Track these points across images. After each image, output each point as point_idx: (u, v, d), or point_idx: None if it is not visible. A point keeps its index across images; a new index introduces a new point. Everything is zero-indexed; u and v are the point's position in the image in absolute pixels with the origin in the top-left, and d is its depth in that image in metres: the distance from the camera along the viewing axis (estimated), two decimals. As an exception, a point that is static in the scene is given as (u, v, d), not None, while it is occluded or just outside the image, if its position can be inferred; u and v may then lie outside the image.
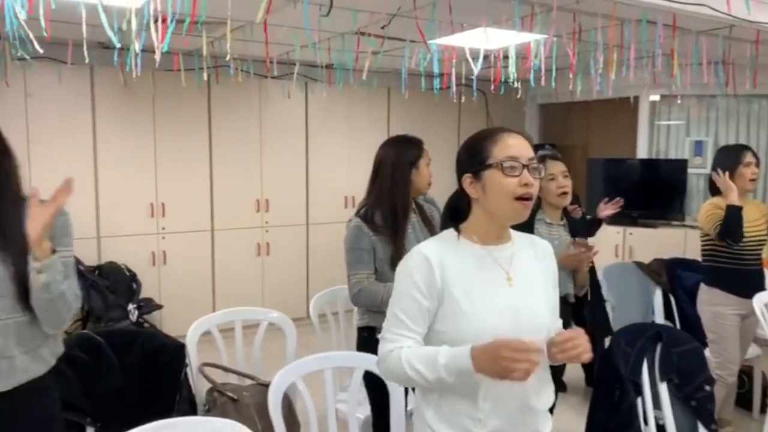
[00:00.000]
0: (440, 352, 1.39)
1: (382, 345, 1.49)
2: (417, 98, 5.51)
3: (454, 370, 1.37)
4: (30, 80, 4.30)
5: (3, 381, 1.60)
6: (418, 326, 1.47)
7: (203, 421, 1.68)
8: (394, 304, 1.50)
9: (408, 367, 1.41)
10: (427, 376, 1.40)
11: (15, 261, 1.59)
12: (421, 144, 2.48)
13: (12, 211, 1.63)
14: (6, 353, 1.60)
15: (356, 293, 2.34)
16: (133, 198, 4.76)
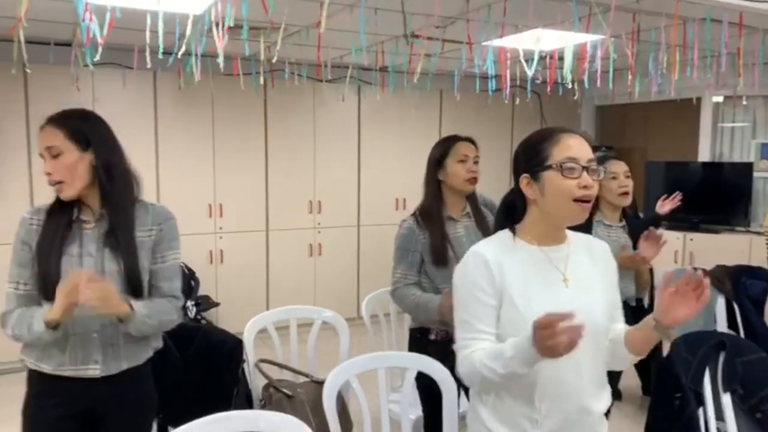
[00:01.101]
0: (506, 345, 1.38)
1: (458, 352, 1.49)
2: (469, 100, 5.49)
3: (522, 358, 1.34)
4: (97, 85, 4.51)
5: (108, 366, 1.73)
6: (489, 326, 1.46)
7: (262, 416, 1.72)
8: (460, 309, 1.50)
9: (482, 367, 1.40)
10: (499, 371, 1.37)
11: (124, 258, 1.71)
12: (451, 141, 2.47)
13: (121, 213, 1.73)
14: (114, 341, 1.73)
15: (393, 291, 2.43)
16: (192, 199, 4.92)
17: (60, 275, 1.68)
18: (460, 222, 2.45)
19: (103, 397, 1.77)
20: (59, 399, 1.74)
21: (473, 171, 2.41)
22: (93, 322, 1.71)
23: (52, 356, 1.72)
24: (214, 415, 1.63)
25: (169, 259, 1.82)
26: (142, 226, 1.77)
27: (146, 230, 1.78)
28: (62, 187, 1.69)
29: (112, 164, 1.73)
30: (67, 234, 1.71)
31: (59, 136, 1.69)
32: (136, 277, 1.73)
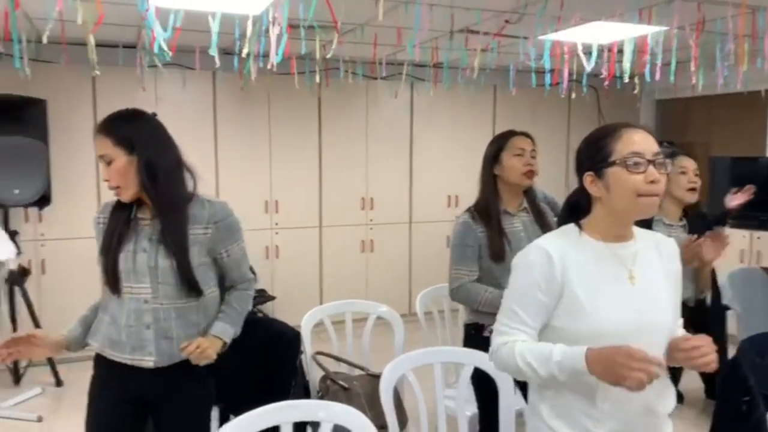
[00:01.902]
0: (554, 350, 1.38)
1: (496, 336, 1.49)
2: (524, 96, 5.41)
3: (567, 369, 1.35)
4: (159, 85, 4.67)
5: (161, 357, 1.79)
6: (533, 321, 1.46)
7: (323, 405, 1.76)
8: (510, 297, 1.50)
9: (521, 361, 1.41)
10: (540, 372, 1.38)
11: (176, 255, 1.76)
12: (508, 135, 2.45)
13: (169, 211, 1.78)
14: (168, 334, 1.79)
15: (455, 288, 2.39)
16: (249, 195, 5.04)
17: (118, 270, 1.77)
18: (517, 217, 2.43)
19: (156, 387, 1.82)
20: (118, 384, 1.83)
21: (530, 164, 2.39)
22: (146, 315, 1.77)
23: (113, 343, 1.80)
24: (277, 403, 1.68)
25: (233, 252, 1.89)
26: (197, 224, 1.80)
27: (201, 228, 1.80)
28: (119, 192, 1.77)
29: (156, 164, 1.75)
30: (125, 231, 1.79)
31: (108, 144, 1.75)
32: (189, 272, 1.77)
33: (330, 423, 1.72)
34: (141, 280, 1.76)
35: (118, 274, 1.77)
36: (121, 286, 1.78)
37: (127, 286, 1.77)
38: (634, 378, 1.23)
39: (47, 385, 4.11)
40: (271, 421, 1.66)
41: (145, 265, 1.76)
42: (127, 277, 1.77)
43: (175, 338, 1.80)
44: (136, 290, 1.77)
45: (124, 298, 1.78)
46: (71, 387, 4.07)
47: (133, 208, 1.81)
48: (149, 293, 1.77)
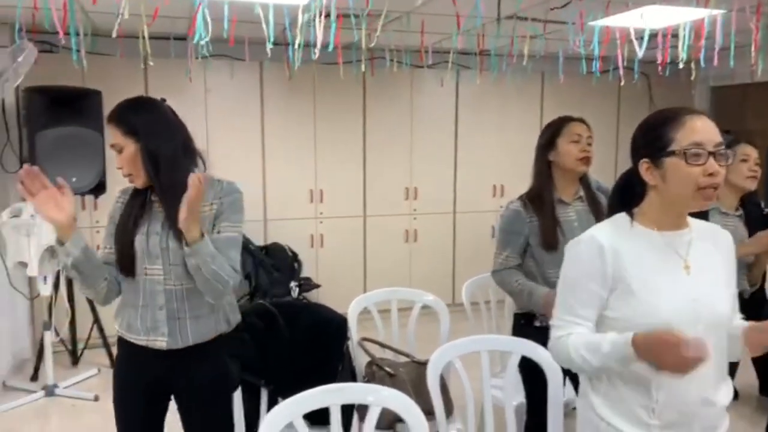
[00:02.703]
0: (605, 339, 1.36)
1: (554, 330, 1.49)
2: (573, 83, 5.28)
3: (617, 357, 1.34)
4: (208, 76, 4.76)
5: (174, 339, 1.82)
6: (589, 313, 1.44)
7: (372, 389, 1.77)
8: (564, 290, 1.48)
9: (574, 353, 1.41)
10: (593, 363, 1.38)
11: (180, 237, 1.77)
12: (563, 121, 2.41)
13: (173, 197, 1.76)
14: (179, 315, 1.82)
15: (495, 272, 2.44)
16: (295, 185, 5.11)
17: (133, 252, 1.81)
18: (571, 206, 2.39)
19: (172, 369, 1.86)
20: (138, 365, 1.88)
21: (586, 151, 2.34)
22: (159, 296, 1.81)
23: (130, 325, 1.85)
24: (326, 385, 1.71)
25: (225, 231, 1.83)
26: (205, 202, 1.81)
27: (207, 205, 1.82)
28: (132, 179, 1.83)
29: (158, 151, 1.78)
30: (141, 214, 1.84)
31: (118, 134, 1.80)
32: None
33: (378, 407, 1.73)
34: (155, 262, 1.81)
35: (133, 255, 1.81)
36: (135, 268, 1.82)
37: (142, 267, 1.82)
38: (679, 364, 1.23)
39: (102, 366, 4.27)
40: (319, 403, 1.69)
41: (157, 247, 1.80)
42: (143, 258, 1.81)
43: (186, 319, 1.83)
44: (150, 271, 1.82)
45: (139, 280, 1.82)
46: (125, 368, 4.21)
47: (148, 192, 1.86)
48: (161, 274, 1.81)
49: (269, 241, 4.99)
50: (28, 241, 3.56)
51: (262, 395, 2.37)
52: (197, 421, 1.92)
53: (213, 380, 1.92)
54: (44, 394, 3.79)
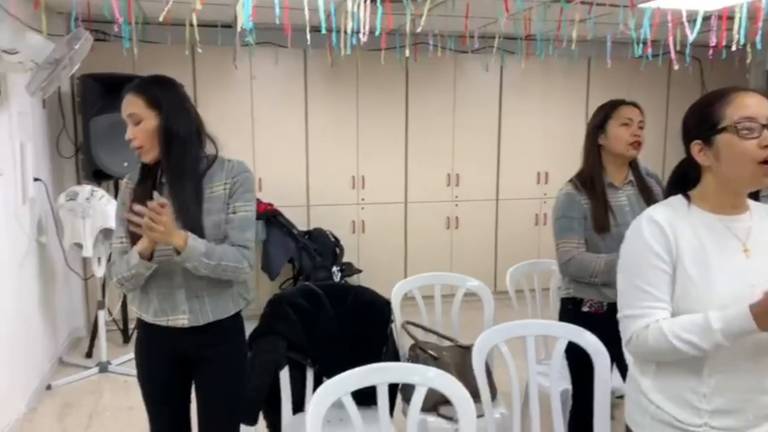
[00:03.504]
0: (710, 317, 1.30)
1: (631, 323, 1.41)
2: (620, 68, 5.17)
3: (733, 333, 1.28)
4: (253, 63, 4.83)
5: (195, 316, 1.87)
6: (664, 294, 1.38)
7: (419, 369, 1.78)
8: (633, 276, 1.42)
9: (675, 339, 1.33)
10: (702, 346, 1.30)
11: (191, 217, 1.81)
12: (615, 104, 2.35)
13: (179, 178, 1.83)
14: (198, 293, 1.86)
15: (566, 262, 2.30)
16: (337, 171, 5.15)
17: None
18: (622, 190, 2.35)
19: (194, 346, 1.90)
20: (158, 344, 1.93)
21: (637, 135, 2.29)
22: (177, 275, 1.84)
23: (149, 306, 1.88)
24: (374, 364, 1.73)
25: (240, 211, 1.86)
26: (217, 181, 1.86)
27: (221, 184, 1.86)
28: (142, 152, 1.82)
29: (174, 130, 1.80)
30: (150, 195, 1.79)
31: (140, 104, 1.79)
32: (198, 227, 1.80)
33: (424, 387, 1.75)
34: None
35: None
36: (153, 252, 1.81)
37: (158, 249, 1.80)
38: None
39: (152, 345, 4.41)
40: (367, 381, 1.71)
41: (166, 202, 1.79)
42: None
43: (205, 296, 1.87)
44: (165, 252, 1.80)
45: (153, 262, 1.82)
46: (174, 348, 4.35)
47: (158, 175, 1.86)
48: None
49: (312, 227, 5.06)
50: (84, 224, 3.69)
51: (308, 374, 2.42)
52: (215, 396, 1.96)
53: (233, 356, 1.97)
54: (98, 371, 3.95)
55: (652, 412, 1.43)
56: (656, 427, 1.42)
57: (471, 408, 1.70)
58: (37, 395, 3.59)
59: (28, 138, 3.60)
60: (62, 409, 3.50)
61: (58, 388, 3.74)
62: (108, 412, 3.47)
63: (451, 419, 2.31)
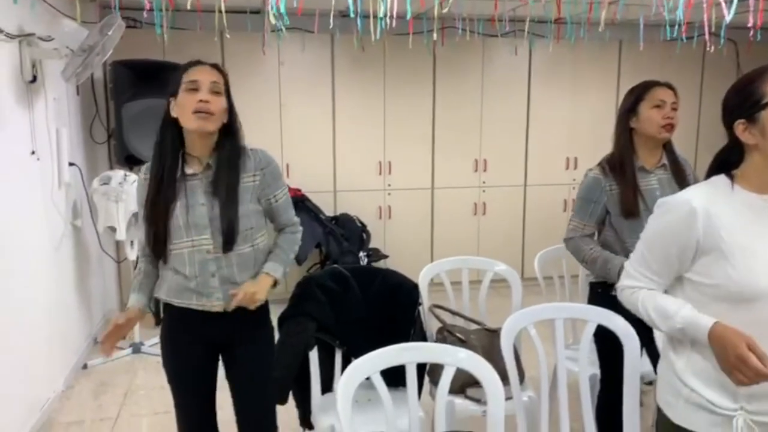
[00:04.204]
0: (679, 313, 1.37)
1: (624, 277, 1.54)
2: (652, 51, 5.07)
3: (689, 335, 1.37)
4: (281, 49, 4.85)
5: (228, 302, 1.89)
6: (661, 271, 1.46)
7: (448, 350, 1.79)
8: (646, 241, 1.49)
9: (642, 309, 1.46)
10: (659, 326, 1.43)
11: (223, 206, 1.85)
12: (647, 86, 2.30)
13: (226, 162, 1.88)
14: (232, 279, 1.90)
15: (567, 239, 2.42)
16: (364, 156, 5.16)
17: (168, 228, 1.83)
18: (653, 174, 2.31)
19: (226, 329, 1.94)
20: (188, 329, 1.95)
21: (670, 117, 2.24)
22: (210, 264, 1.87)
23: (181, 292, 1.90)
24: (403, 344, 1.74)
25: (280, 197, 2.00)
26: (246, 172, 1.90)
27: (250, 175, 1.91)
28: (210, 118, 1.81)
29: (235, 119, 1.91)
30: (173, 188, 1.83)
31: (221, 80, 1.87)
32: (234, 221, 1.85)
33: (453, 367, 1.76)
34: (202, 232, 1.85)
35: (166, 230, 1.84)
36: (170, 242, 1.85)
37: (188, 239, 1.84)
38: (736, 377, 1.27)
39: (183, 327, 4.51)
40: (396, 359, 1.73)
41: (205, 218, 1.84)
42: (187, 231, 1.84)
43: (239, 283, 1.90)
44: (197, 242, 1.85)
45: (185, 252, 1.86)
46: (204, 330, 4.44)
47: (179, 166, 1.86)
48: (210, 244, 1.86)
49: (339, 212, 5.09)
50: (117, 207, 3.78)
51: (337, 355, 2.45)
52: (250, 378, 2.00)
53: (263, 336, 2.03)
54: (131, 351, 4.05)
55: (685, 395, 1.42)
56: (689, 409, 1.41)
57: (500, 390, 1.70)
58: (74, 374, 3.71)
59: (63, 124, 3.68)
60: (98, 387, 3.60)
61: (93, 368, 3.85)
62: (142, 391, 3.56)
63: (478, 401, 2.32)
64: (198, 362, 1.99)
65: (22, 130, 3.11)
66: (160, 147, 1.87)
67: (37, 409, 3.11)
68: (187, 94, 1.81)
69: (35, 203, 3.25)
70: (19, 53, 3.05)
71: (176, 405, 2.06)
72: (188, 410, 2.05)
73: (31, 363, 3.09)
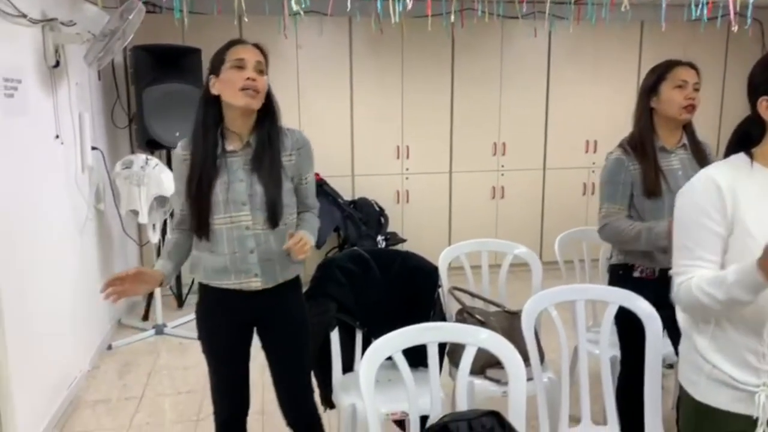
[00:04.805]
0: (729, 271, 1.30)
1: (675, 280, 1.44)
2: (674, 31, 4.99)
3: (746, 285, 1.26)
4: (299, 32, 4.83)
5: (267, 279, 1.94)
6: (711, 254, 1.37)
7: (469, 330, 1.80)
8: (681, 234, 1.43)
9: (699, 293, 1.34)
10: (718, 297, 1.30)
11: (270, 180, 1.89)
12: (669, 65, 2.27)
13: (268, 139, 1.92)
14: (269, 256, 1.93)
15: (602, 227, 2.32)
16: (381, 140, 5.15)
17: (210, 205, 1.86)
18: (674, 154, 2.28)
19: (264, 307, 1.98)
20: (225, 309, 1.98)
21: (691, 98, 2.21)
22: (248, 240, 1.89)
23: (219, 272, 1.92)
24: (426, 323, 1.76)
25: (309, 180, 2.05)
26: (284, 151, 1.95)
27: (288, 154, 1.96)
28: (257, 96, 1.86)
29: (275, 99, 1.97)
30: (214, 165, 1.85)
31: (264, 61, 1.91)
32: (278, 198, 1.89)
33: (474, 347, 1.77)
34: (241, 209, 1.88)
35: (209, 206, 1.86)
36: (211, 218, 1.87)
37: (226, 215, 1.87)
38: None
39: (204, 310, 4.57)
40: (419, 339, 1.74)
41: (244, 194, 1.87)
42: (226, 207, 1.87)
43: (276, 260, 1.94)
44: (236, 219, 1.88)
45: (223, 229, 1.88)
46: (225, 313, 4.50)
47: (219, 140, 1.88)
48: (249, 220, 1.89)
49: (357, 196, 5.10)
50: (139, 191, 3.82)
51: (357, 336, 2.47)
52: (285, 352, 2.05)
53: (297, 313, 2.06)
54: (154, 333, 4.12)
55: (707, 372, 1.41)
56: (711, 386, 1.41)
57: (522, 370, 1.71)
58: (99, 354, 3.79)
59: (85, 108, 3.73)
60: (122, 368, 3.68)
61: (118, 348, 3.93)
62: (165, 371, 3.63)
63: (498, 382, 2.33)
64: (233, 339, 2.03)
65: (47, 114, 3.15)
66: (203, 124, 1.89)
67: (65, 387, 3.19)
68: (233, 72, 1.84)
69: (60, 187, 3.31)
70: (42, 38, 3.09)
71: (211, 372, 2.09)
72: (223, 378, 2.08)
73: (58, 343, 3.16)
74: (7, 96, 2.65)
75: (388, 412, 2.19)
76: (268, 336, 2.06)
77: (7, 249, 2.56)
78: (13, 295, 2.60)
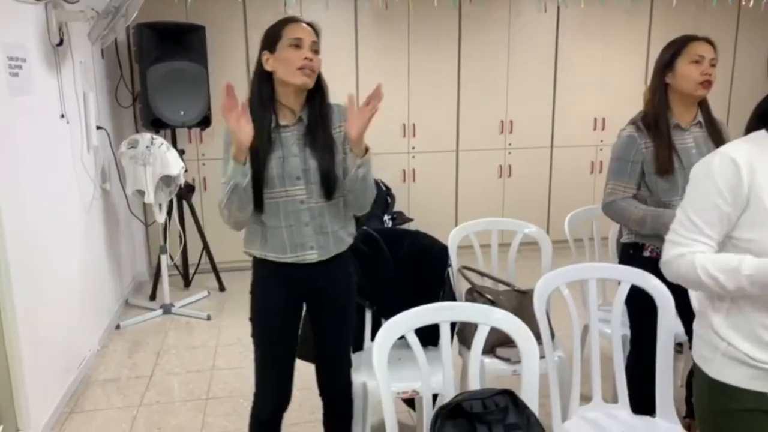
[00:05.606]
0: (743, 261, 1.29)
1: (671, 247, 1.43)
2: (685, 6, 4.90)
3: (760, 282, 1.27)
4: (305, 7, 4.75)
5: (322, 251, 1.96)
6: (713, 232, 1.38)
7: (482, 309, 1.79)
8: (689, 205, 1.42)
9: (703, 273, 1.34)
10: (726, 285, 1.31)
11: (324, 154, 1.91)
12: (686, 40, 2.24)
13: (320, 114, 1.95)
14: (324, 229, 1.95)
15: (608, 203, 2.31)
16: (387, 119, 5.09)
17: (267, 180, 1.87)
18: (689, 132, 2.25)
19: (319, 279, 1.99)
20: (282, 282, 1.98)
21: (708, 74, 2.17)
22: (303, 213, 1.91)
23: (275, 246, 1.94)
24: (438, 303, 1.75)
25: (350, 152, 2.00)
26: (333, 125, 1.97)
27: (336, 127, 1.98)
28: (312, 75, 1.89)
29: (320, 74, 1.97)
30: (269, 139, 1.88)
31: (318, 41, 1.93)
32: (332, 171, 1.91)
33: (487, 326, 1.76)
34: (295, 183, 1.90)
35: (264, 180, 1.88)
36: (266, 192, 1.89)
37: (281, 189, 1.90)
38: None
39: (212, 289, 4.59)
40: (431, 318, 1.74)
41: (298, 169, 1.90)
42: (281, 182, 1.89)
43: (330, 232, 1.95)
44: (291, 192, 1.90)
45: (279, 202, 1.90)
46: (232, 292, 4.52)
47: (273, 117, 1.91)
48: (304, 194, 1.91)
49: (363, 175, 5.06)
50: (145, 171, 3.80)
51: (367, 315, 2.47)
52: (335, 324, 2.07)
53: (350, 284, 2.09)
54: (162, 312, 4.14)
55: (723, 349, 1.40)
56: (726, 363, 1.40)
57: (535, 348, 1.71)
58: (107, 333, 3.81)
59: (90, 87, 3.69)
60: (131, 347, 3.70)
61: (126, 328, 3.95)
62: (173, 351, 3.65)
63: (508, 360, 2.33)
64: (286, 316, 2.03)
65: (52, 93, 3.13)
66: (259, 99, 1.92)
67: (75, 367, 3.21)
68: (291, 50, 1.87)
69: (66, 166, 3.29)
70: (45, 16, 3.04)
71: (258, 359, 2.06)
72: (271, 362, 2.06)
73: (68, 323, 3.17)
74: (12, 75, 2.62)
75: (399, 391, 2.20)
76: (320, 308, 2.07)
77: (14, 229, 2.55)
78: (23, 276, 2.60)
